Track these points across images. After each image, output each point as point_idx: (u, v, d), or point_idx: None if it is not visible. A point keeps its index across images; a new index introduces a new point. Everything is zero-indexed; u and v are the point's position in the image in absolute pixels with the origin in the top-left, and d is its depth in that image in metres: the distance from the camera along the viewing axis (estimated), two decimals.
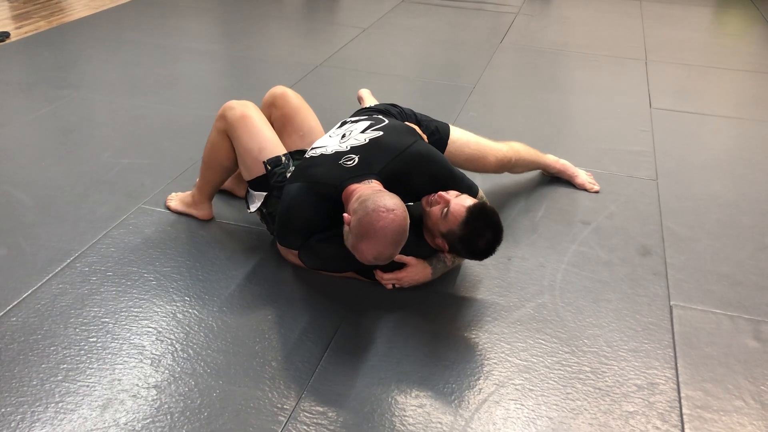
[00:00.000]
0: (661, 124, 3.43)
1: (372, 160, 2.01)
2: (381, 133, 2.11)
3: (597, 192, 2.73)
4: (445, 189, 2.04)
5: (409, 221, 1.83)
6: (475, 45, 4.60)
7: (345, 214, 1.87)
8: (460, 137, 2.48)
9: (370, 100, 2.95)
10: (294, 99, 2.40)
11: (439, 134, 2.42)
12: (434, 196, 2.01)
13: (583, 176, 2.78)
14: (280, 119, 2.38)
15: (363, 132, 2.13)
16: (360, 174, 1.97)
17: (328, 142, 2.15)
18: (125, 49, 4.22)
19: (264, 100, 2.44)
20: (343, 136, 2.15)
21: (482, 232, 1.94)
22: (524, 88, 3.90)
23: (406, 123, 2.28)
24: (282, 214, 2.06)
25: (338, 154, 2.05)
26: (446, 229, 1.96)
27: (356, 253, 1.84)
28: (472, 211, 1.93)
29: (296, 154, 2.28)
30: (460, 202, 1.96)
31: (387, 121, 2.19)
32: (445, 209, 1.96)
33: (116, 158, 2.86)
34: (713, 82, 4.09)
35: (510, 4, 5.70)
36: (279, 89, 2.42)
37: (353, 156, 2.03)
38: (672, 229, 2.51)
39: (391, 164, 2.01)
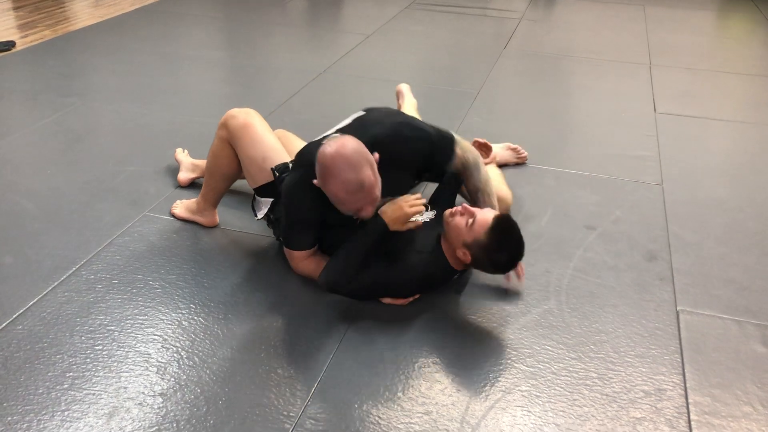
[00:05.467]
0: (665, 128, 3.42)
1: (355, 133, 2.02)
2: (364, 113, 2.17)
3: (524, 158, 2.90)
4: (431, 155, 2.11)
5: (362, 146, 1.90)
6: (478, 51, 4.60)
7: (314, 180, 1.93)
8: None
9: (408, 97, 2.92)
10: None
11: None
12: (459, 208, 2.01)
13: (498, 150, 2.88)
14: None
15: (347, 118, 2.18)
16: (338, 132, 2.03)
17: (335, 127, 2.19)
18: (130, 58, 4.23)
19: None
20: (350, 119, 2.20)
21: (507, 242, 1.96)
22: (528, 94, 3.89)
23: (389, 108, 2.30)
24: (285, 210, 2.09)
25: (325, 137, 2.07)
26: (471, 239, 1.95)
27: (333, 199, 1.90)
28: (498, 219, 1.95)
29: (279, 167, 2.27)
30: (486, 213, 1.98)
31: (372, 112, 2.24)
32: (471, 220, 1.96)
33: (121, 166, 2.87)
34: (717, 86, 4.08)
35: (514, 10, 5.71)
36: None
37: (337, 135, 2.03)
38: (678, 234, 2.50)
39: (368, 133, 2.03)
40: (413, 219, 2.00)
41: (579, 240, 2.44)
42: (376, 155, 1.95)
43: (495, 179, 2.53)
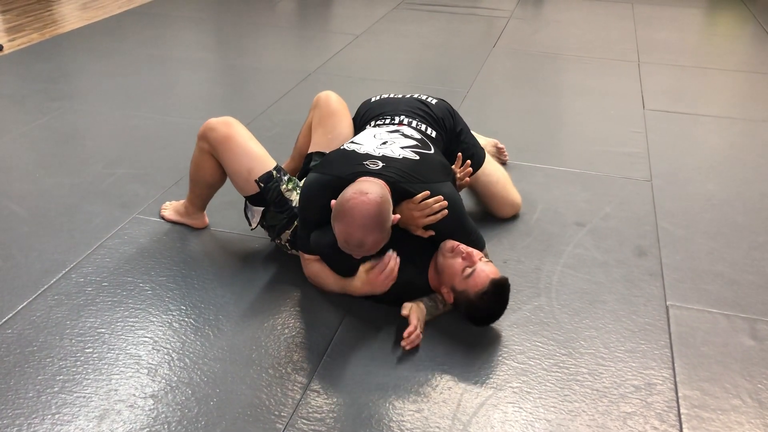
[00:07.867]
0: (654, 125, 3.44)
1: (394, 172, 1.99)
2: (417, 157, 2.08)
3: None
4: (449, 237, 2.00)
5: (385, 210, 1.82)
6: (468, 49, 4.61)
7: (333, 201, 1.89)
8: (491, 173, 2.51)
9: None
10: (334, 103, 2.43)
11: (471, 162, 2.40)
12: (463, 249, 1.95)
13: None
14: (317, 118, 2.42)
15: (403, 148, 2.11)
16: (375, 174, 1.96)
17: (367, 142, 2.12)
18: (118, 60, 4.22)
19: (312, 103, 2.48)
20: (384, 143, 2.12)
21: (493, 307, 1.93)
22: (518, 92, 3.91)
23: (445, 162, 2.20)
24: (300, 210, 2.08)
25: (367, 156, 2.04)
26: (462, 288, 1.91)
27: (334, 232, 1.87)
28: (495, 284, 1.89)
29: (316, 156, 2.29)
30: (486, 269, 1.91)
31: (431, 152, 2.15)
32: (470, 269, 1.90)
33: (110, 169, 2.86)
34: (706, 82, 4.11)
35: (502, 8, 5.72)
36: (324, 93, 2.48)
37: (380, 162, 2.01)
38: (667, 230, 2.51)
39: (407, 184, 1.98)
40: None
41: (569, 236, 2.45)
42: (397, 217, 1.90)
43: (504, 182, 2.53)
